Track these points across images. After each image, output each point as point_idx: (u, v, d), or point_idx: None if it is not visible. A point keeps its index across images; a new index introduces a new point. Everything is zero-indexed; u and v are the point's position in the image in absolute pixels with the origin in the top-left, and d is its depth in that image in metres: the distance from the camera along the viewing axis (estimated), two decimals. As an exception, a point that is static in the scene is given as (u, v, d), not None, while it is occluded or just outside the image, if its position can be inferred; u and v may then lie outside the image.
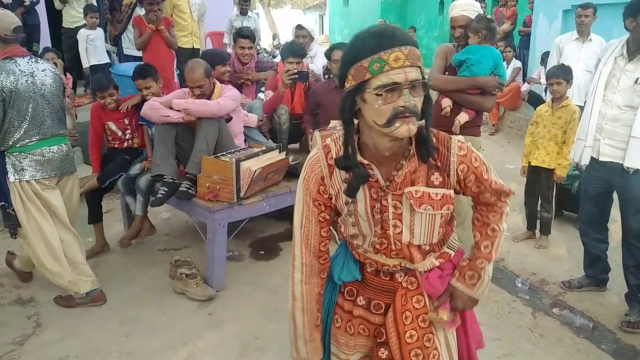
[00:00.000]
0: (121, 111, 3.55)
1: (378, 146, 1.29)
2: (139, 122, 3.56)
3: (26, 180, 2.80)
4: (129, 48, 5.67)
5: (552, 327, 2.89)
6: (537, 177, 3.89)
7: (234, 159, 2.96)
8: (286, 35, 15.98)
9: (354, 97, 1.23)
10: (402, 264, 1.41)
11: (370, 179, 1.32)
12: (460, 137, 1.37)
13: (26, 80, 2.72)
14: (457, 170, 1.33)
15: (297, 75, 3.81)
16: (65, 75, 4.99)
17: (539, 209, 3.94)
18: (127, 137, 3.62)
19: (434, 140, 1.31)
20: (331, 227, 1.48)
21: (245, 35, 4.31)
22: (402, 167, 1.30)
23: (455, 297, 1.43)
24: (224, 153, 3.14)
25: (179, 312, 2.98)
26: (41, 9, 6.53)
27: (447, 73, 3.24)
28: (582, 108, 3.54)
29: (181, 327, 2.84)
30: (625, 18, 2.68)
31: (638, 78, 2.64)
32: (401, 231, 1.35)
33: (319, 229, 1.43)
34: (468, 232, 3.35)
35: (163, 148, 3.20)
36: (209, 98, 3.29)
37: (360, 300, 1.49)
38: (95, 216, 3.61)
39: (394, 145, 1.28)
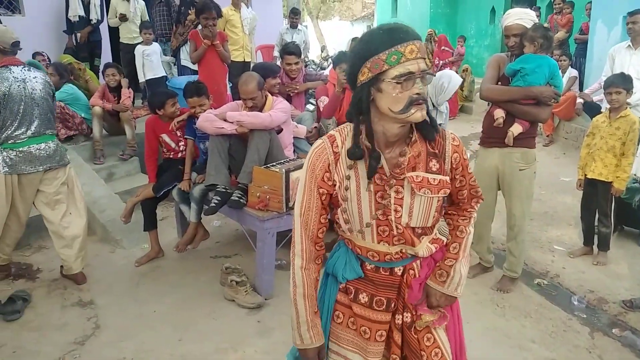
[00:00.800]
0: (171, 128, 3.71)
1: (386, 132, 1.39)
2: (185, 136, 3.70)
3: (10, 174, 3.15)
4: (186, 60, 5.91)
5: (611, 349, 2.76)
6: (594, 191, 3.73)
7: (283, 170, 3.03)
8: (334, 47, 16.14)
9: (369, 88, 1.34)
10: (403, 250, 1.47)
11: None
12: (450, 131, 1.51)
13: (18, 86, 3.12)
14: (451, 158, 1.46)
15: None
16: (128, 89, 5.25)
17: (596, 223, 3.78)
18: (180, 148, 3.77)
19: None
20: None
21: (291, 51, 4.40)
22: (406, 153, 1.40)
23: (429, 294, 1.55)
24: (274, 163, 3.21)
25: (228, 318, 3.05)
26: (103, 26, 6.93)
27: (499, 83, 3.18)
28: None
29: (231, 333, 2.90)
30: None
31: None
32: (401, 215, 1.43)
33: (319, 216, 1.48)
34: (521, 246, 3.28)
35: (217, 159, 3.31)
36: (261, 110, 3.38)
37: (362, 298, 1.53)
38: (151, 224, 3.77)
39: (401, 131, 1.40)
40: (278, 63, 6.77)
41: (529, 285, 3.38)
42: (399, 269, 1.50)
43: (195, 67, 5.22)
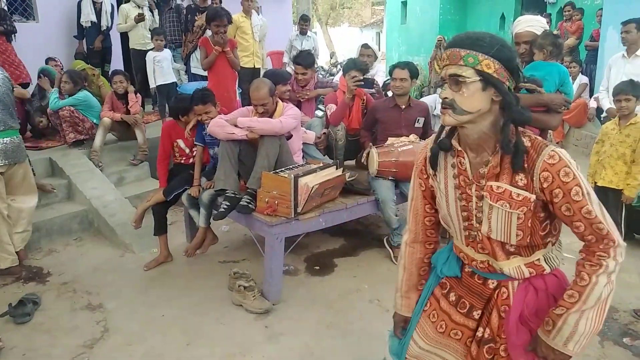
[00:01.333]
0: (186, 136, 3.76)
1: (461, 134, 1.43)
2: (195, 142, 3.73)
3: None
4: (196, 67, 5.98)
5: (622, 358, 2.73)
6: (604, 198, 3.70)
7: (292, 175, 3.04)
8: (343, 54, 16.18)
9: None
10: (490, 262, 1.46)
11: (460, 166, 1.44)
12: (562, 150, 1.33)
13: None
14: (539, 176, 1.32)
15: (362, 82, 3.86)
16: (135, 94, 5.30)
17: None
18: (193, 153, 3.80)
19: (528, 143, 1.34)
20: None
21: (298, 62, 4.44)
22: (489, 162, 1.38)
23: (535, 342, 1.42)
24: (283, 169, 3.23)
25: (237, 324, 3.06)
26: (113, 32, 7.02)
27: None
28: None
29: (239, 338, 2.91)
30: None
31: None
32: (481, 222, 1.42)
33: (423, 205, 1.61)
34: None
35: (227, 164, 3.33)
36: (271, 116, 3.40)
37: (452, 296, 1.59)
38: (161, 228, 3.79)
39: (464, 133, 1.40)
40: (288, 69, 6.82)
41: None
42: (493, 282, 1.49)
43: (205, 73, 5.27)
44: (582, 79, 7.32)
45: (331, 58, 13.49)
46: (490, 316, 1.49)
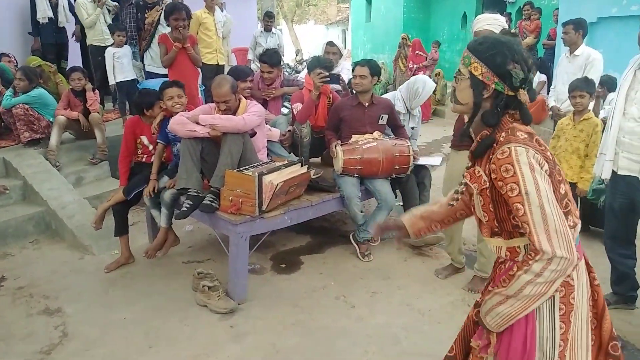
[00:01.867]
0: (152, 132, 3.67)
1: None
2: (158, 140, 3.65)
3: None
4: (151, 65, 5.83)
5: None
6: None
7: (256, 173, 3.01)
8: (309, 51, 16.16)
9: None
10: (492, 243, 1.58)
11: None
12: (521, 147, 1.39)
13: None
14: (489, 168, 1.45)
15: (328, 78, 3.85)
16: (93, 91, 5.15)
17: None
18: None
19: (502, 139, 1.45)
20: None
21: (264, 60, 4.39)
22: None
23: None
24: (247, 167, 3.19)
25: (201, 324, 3.01)
26: (72, 28, 6.79)
27: None
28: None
29: (203, 339, 2.87)
30: None
31: None
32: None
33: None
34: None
35: (188, 162, 3.27)
36: (234, 113, 3.36)
37: None
38: (122, 229, 3.70)
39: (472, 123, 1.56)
40: (252, 66, 6.75)
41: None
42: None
43: (161, 71, 5.15)
44: (541, 76, 7.54)
45: (297, 55, 13.45)
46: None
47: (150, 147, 3.72)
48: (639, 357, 2.73)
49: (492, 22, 3.19)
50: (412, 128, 4.35)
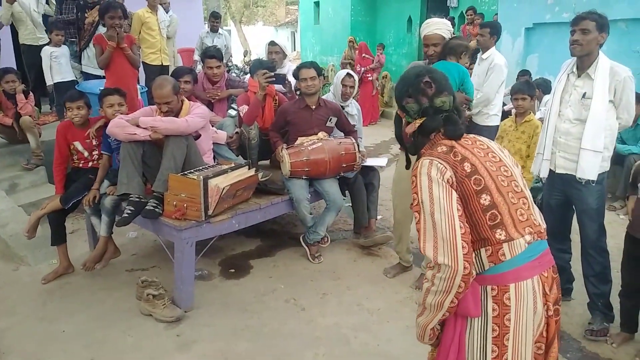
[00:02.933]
0: (88, 135, 3.51)
1: None
2: (102, 152, 3.51)
3: None
4: (87, 66, 5.60)
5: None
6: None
7: (201, 177, 2.94)
8: (257, 52, 16.04)
9: None
10: None
11: None
12: (428, 159, 1.51)
13: None
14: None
15: (274, 78, 3.82)
16: (28, 93, 4.88)
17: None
18: (93, 157, 3.57)
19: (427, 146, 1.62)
20: None
21: (211, 55, 4.31)
22: None
23: None
24: (192, 170, 3.11)
25: (146, 334, 2.91)
26: (6, 28, 6.40)
27: None
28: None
29: (148, 350, 2.77)
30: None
31: (585, 93, 2.76)
32: None
33: None
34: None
35: (129, 166, 3.15)
36: (177, 115, 3.27)
37: None
38: (58, 237, 3.51)
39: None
40: (200, 67, 6.61)
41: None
42: None
43: (98, 72, 4.94)
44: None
45: (245, 56, 13.32)
46: None
47: (86, 154, 3.55)
48: (575, 347, 2.86)
49: (441, 27, 3.27)
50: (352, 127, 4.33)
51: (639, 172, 2.74)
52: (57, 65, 5.76)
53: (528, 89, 3.88)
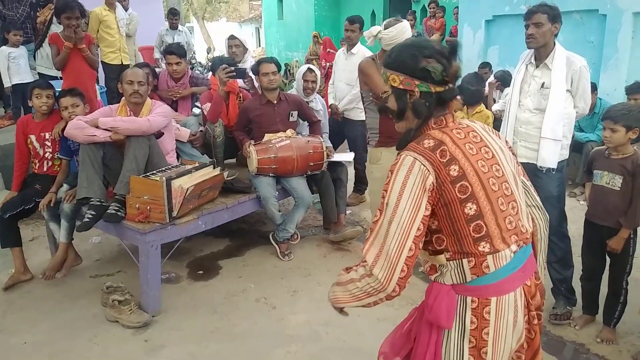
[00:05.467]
0: (43, 127, 3.40)
1: None
2: (60, 156, 3.41)
3: None
4: (42, 66, 5.41)
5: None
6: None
7: (164, 178, 2.88)
8: (221, 49, 15.83)
9: None
10: None
11: None
12: (411, 156, 1.35)
13: None
14: None
15: (234, 73, 3.77)
16: None
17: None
18: (46, 154, 3.45)
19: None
20: None
21: (170, 51, 4.23)
22: None
23: None
24: (154, 172, 3.05)
25: (112, 341, 2.83)
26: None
27: None
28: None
29: (116, 356, 2.70)
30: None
31: (544, 83, 2.83)
32: None
33: None
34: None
35: (89, 169, 3.05)
36: (138, 114, 3.20)
37: None
38: (9, 240, 3.37)
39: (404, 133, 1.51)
40: (163, 65, 6.48)
41: (415, 274, 3.53)
42: None
43: (54, 73, 4.78)
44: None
45: (208, 53, 13.14)
46: None
47: (39, 148, 3.43)
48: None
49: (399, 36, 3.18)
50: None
51: (593, 159, 2.82)
52: (16, 66, 5.55)
53: (477, 80, 3.96)
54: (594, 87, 4.39)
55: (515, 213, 1.41)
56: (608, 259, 2.82)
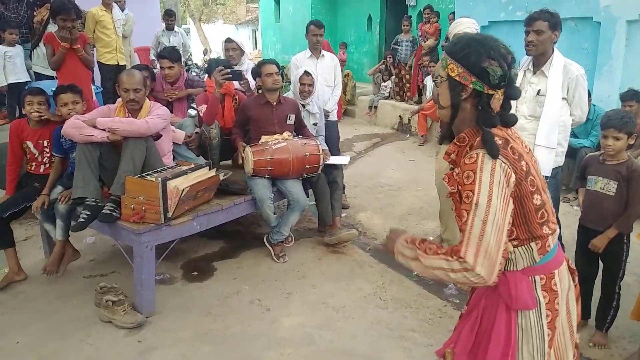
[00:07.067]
0: (40, 135, 3.39)
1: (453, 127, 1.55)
2: (54, 153, 3.39)
3: None
4: (38, 65, 5.39)
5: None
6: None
7: (160, 178, 2.87)
8: (217, 51, 15.83)
9: None
10: None
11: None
12: (489, 157, 1.37)
13: None
14: (457, 171, 1.46)
15: (230, 75, 3.77)
16: None
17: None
18: (44, 159, 3.43)
19: (477, 140, 1.43)
20: None
21: (162, 55, 4.22)
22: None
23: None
24: (150, 172, 3.04)
25: (105, 342, 2.82)
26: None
27: None
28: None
29: (108, 357, 2.69)
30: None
31: (540, 90, 2.85)
32: None
33: None
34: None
35: (85, 169, 3.04)
36: (136, 116, 3.19)
37: None
38: (4, 241, 3.35)
39: (453, 126, 1.53)
40: (159, 67, 6.47)
41: (409, 277, 3.56)
42: None
43: (49, 72, 4.76)
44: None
45: (205, 55, 13.13)
46: None
47: (37, 154, 3.42)
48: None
49: (470, 26, 3.35)
50: (315, 124, 4.35)
51: (586, 165, 2.84)
52: (12, 66, 5.53)
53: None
54: (588, 94, 4.43)
55: (548, 205, 1.53)
56: (601, 264, 2.85)
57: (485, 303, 1.56)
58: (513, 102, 2.92)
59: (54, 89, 3.57)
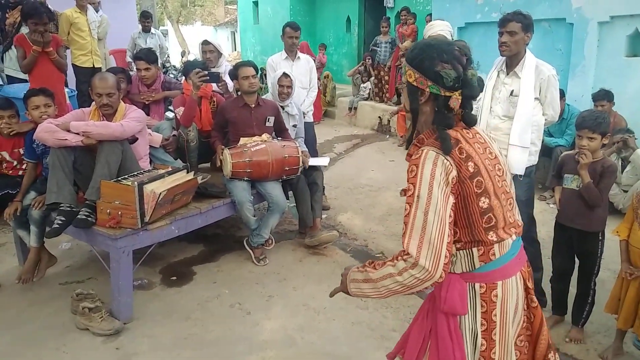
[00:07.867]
0: (15, 144, 3.32)
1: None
2: (24, 158, 3.32)
3: None
4: (10, 68, 5.26)
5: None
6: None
7: (136, 182, 2.83)
8: (195, 53, 15.70)
9: None
10: None
11: None
12: (434, 151, 1.41)
13: None
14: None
15: (207, 77, 3.74)
16: None
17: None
18: (23, 167, 3.38)
19: (428, 140, 1.48)
20: None
21: (139, 57, 4.17)
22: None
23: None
24: (126, 176, 2.99)
25: (82, 350, 2.76)
26: None
27: None
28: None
29: (85, 366, 2.64)
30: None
31: (513, 90, 2.90)
32: None
33: None
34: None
35: (59, 174, 2.98)
36: (111, 119, 3.14)
37: None
38: None
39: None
40: (135, 69, 6.39)
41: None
42: None
43: (22, 76, 4.66)
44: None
45: (183, 57, 13.01)
46: None
47: (15, 163, 3.35)
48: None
49: (444, 28, 3.38)
50: (294, 126, 4.33)
51: (563, 164, 2.89)
52: (-18, 69, 5.37)
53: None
54: (562, 94, 4.51)
55: (511, 208, 1.54)
56: (577, 261, 2.90)
57: (428, 306, 1.57)
58: (487, 103, 2.99)
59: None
